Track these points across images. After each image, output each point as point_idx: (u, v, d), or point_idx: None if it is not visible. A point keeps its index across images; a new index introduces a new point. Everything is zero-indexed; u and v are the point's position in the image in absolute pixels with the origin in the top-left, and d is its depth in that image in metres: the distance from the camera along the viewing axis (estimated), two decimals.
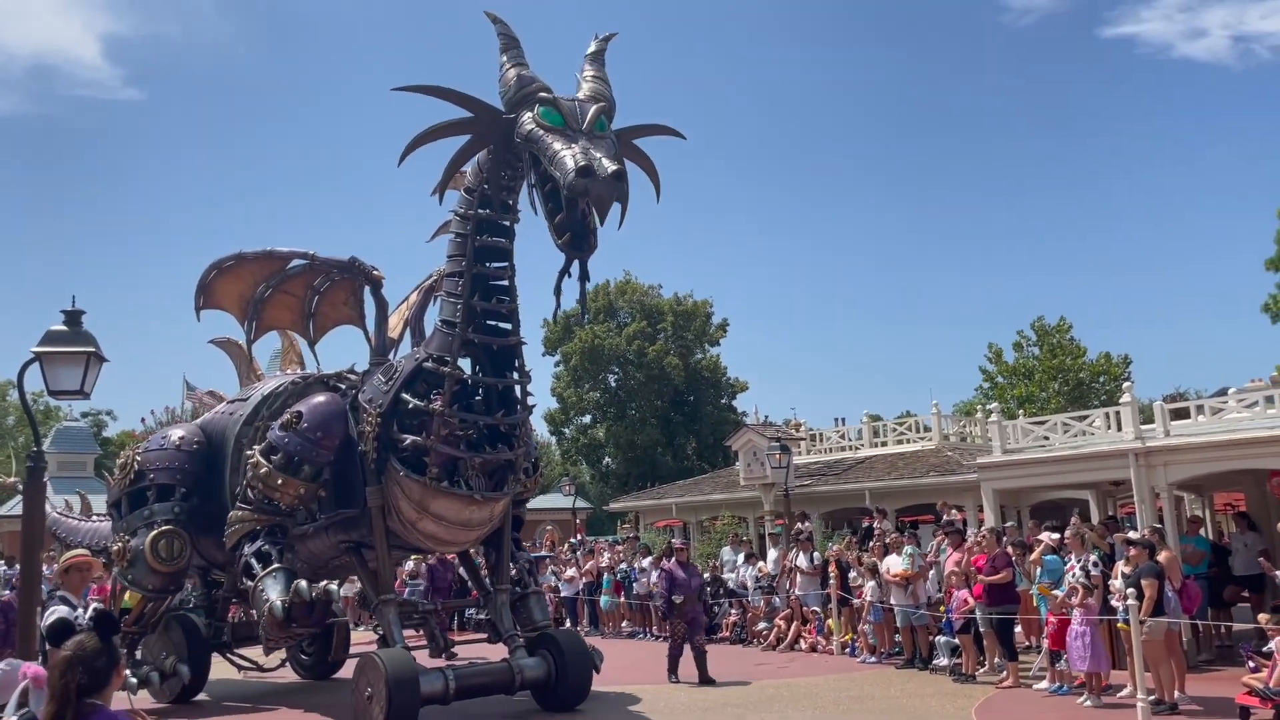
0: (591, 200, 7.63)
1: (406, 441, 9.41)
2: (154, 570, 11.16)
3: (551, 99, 8.43)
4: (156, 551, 11.09)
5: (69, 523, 15.75)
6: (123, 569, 11.87)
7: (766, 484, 25.07)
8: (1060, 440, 17.65)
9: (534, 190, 8.62)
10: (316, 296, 11.73)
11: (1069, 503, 21.83)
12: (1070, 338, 43.82)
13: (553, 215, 8.14)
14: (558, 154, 7.82)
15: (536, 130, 8.23)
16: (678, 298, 53.91)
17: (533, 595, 11.67)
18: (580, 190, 7.53)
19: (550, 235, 8.19)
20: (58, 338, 7.90)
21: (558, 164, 7.77)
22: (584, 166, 7.51)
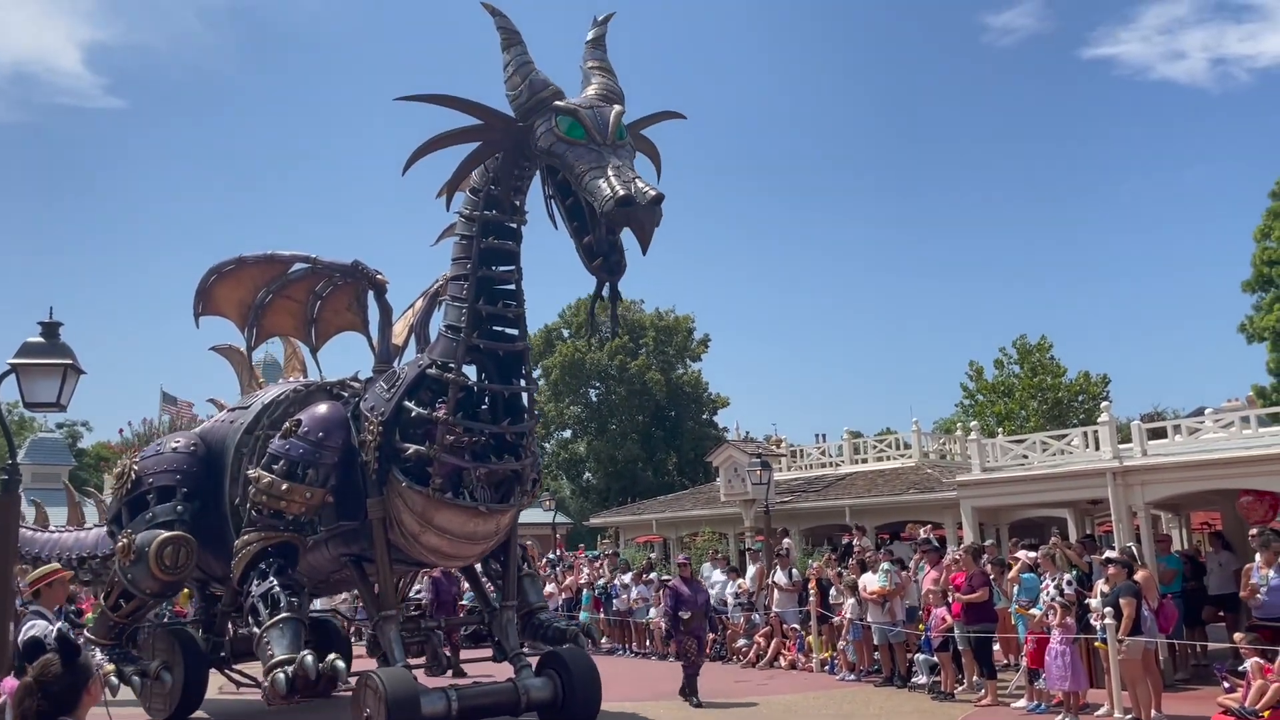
0: (633, 229, 7.41)
1: (409, 451, 9.12)
2: (154, 576, 10.79)
3: (571, 109, 8.10)
4: (161, 558, 10.69)
5: (24, 533, 15.15)
6: (124, 565, 11.37)
7: (747, 500, 25.07)
8: (1039, 459, 17.76)
9: (552, 203, 8.38)
10: (319, 302, 11.43)
11: (1048, 521, 21.95)
12: (1050, 356, 44.15)
13: (580, 235, 7.90)
14: (591, 179, 7.54)
15: (559, 145, 7.94)
16: (659, 313, 53.99)
17: (526, 577, 11.49)
18: (621, 220, 7.32)
19: (579, 256, 7.99)
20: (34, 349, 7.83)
21: (591, 190, 7.49)
22: (625, 195, 7.24)
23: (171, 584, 11.50)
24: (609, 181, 7.38)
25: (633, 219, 7.27)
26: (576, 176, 7.70)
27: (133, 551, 10.88)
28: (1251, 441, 15.01)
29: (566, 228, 8.15)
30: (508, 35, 8.66)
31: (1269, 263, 29.18)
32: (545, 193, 8.42)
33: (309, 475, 9.58)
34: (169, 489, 11.57)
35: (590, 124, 7.98)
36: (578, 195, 7.88)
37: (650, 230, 7.36)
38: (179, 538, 10.88)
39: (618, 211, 7.26)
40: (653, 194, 7.26)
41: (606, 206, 7.28)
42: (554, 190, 8.18)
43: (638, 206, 7.20)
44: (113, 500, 12.50)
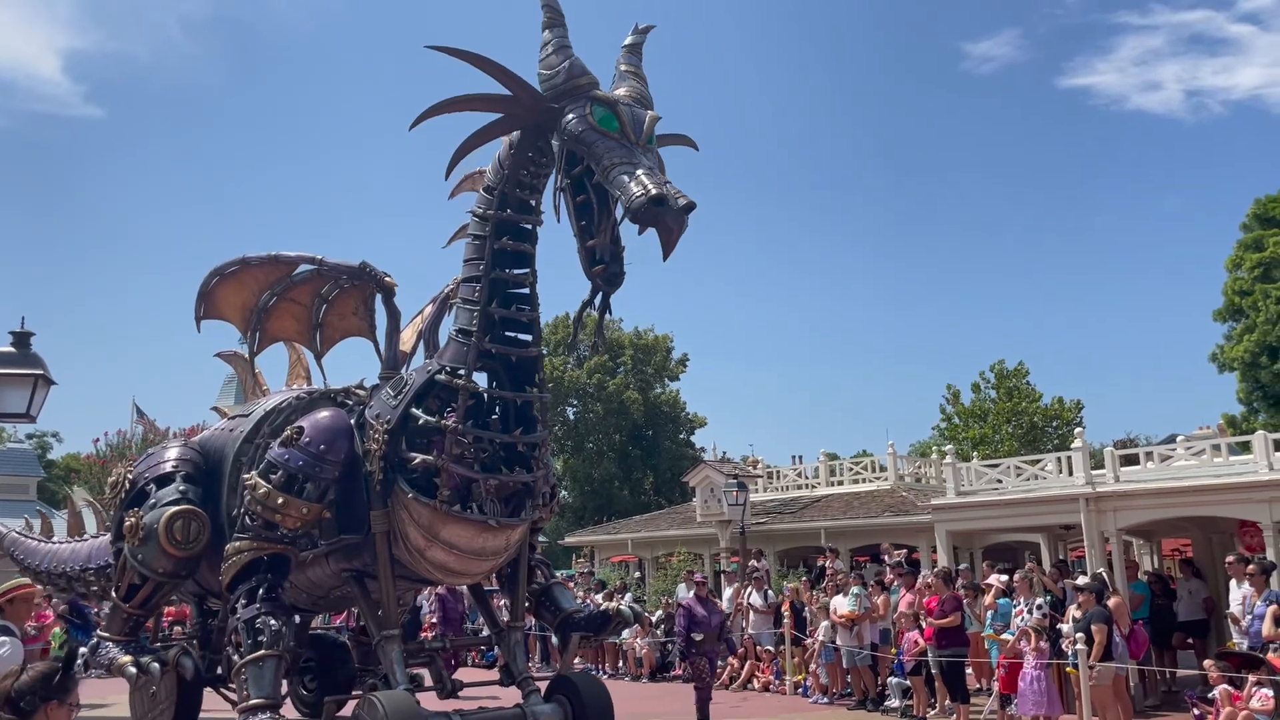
0: (659, 230, 7.00)
1: (416, 461, 8.63)
2: (166, 553, 10.08)
3: (610, 99, 7.67)
4: (171, 533, 9.96)
5: (27, 543, 14.78)
6: (133, 547, 10.41)
7: (723, 521, 25.07)
8: (1013, 483, 17.88)
9: (562, 195, 7.84)
10: (324, 305, 10.86)
11: (1021, 545, 22.08)
12: (1027, 382, 44.53)
13: (584, 236, 7.52)
14: (620, 173, 7.14)
15: (591, 134, 7.45)
16: (638, 332, 54.07)
17: (556, 586, 10.90)
18: (649, 219, 6.91)
19: (579, 256, 7.57)
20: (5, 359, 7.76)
21: (620, 185, 7.08)
22: (658, 195, 6.83)
23: (185, 562, 10.32)
24: (639, 180, 7.03)
25: (661, 220, 6.95)
26: (604, 169, 7.28)
27: (140, 530, 10.26)
28: (1222, 470, 15.18)
29: (572, 226, 7.77)
30: (553, 14, 8.23)
31: (1240, 293, 29.58)
32: (557, 184, 7.97)
33: (307, 490, 9.15)
34: (167, 475, 10.66)
35: (626, 120, 7.62)
36: (591, 193, 7.52)
37: (677, 237, 7.10)
38: (188, 510, 10.20)
39: (649, 210, 6.88)
40: (685, 200, 6.98)
41: (636, 203, 6.91)
42: (568, 183, 7.73)
43: (668, 209, 6.90)
44: (109, 509, 11.97)
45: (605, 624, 10.95)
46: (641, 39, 8.46)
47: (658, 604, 20.53)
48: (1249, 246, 30.18)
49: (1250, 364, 28.13)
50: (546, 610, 10.70)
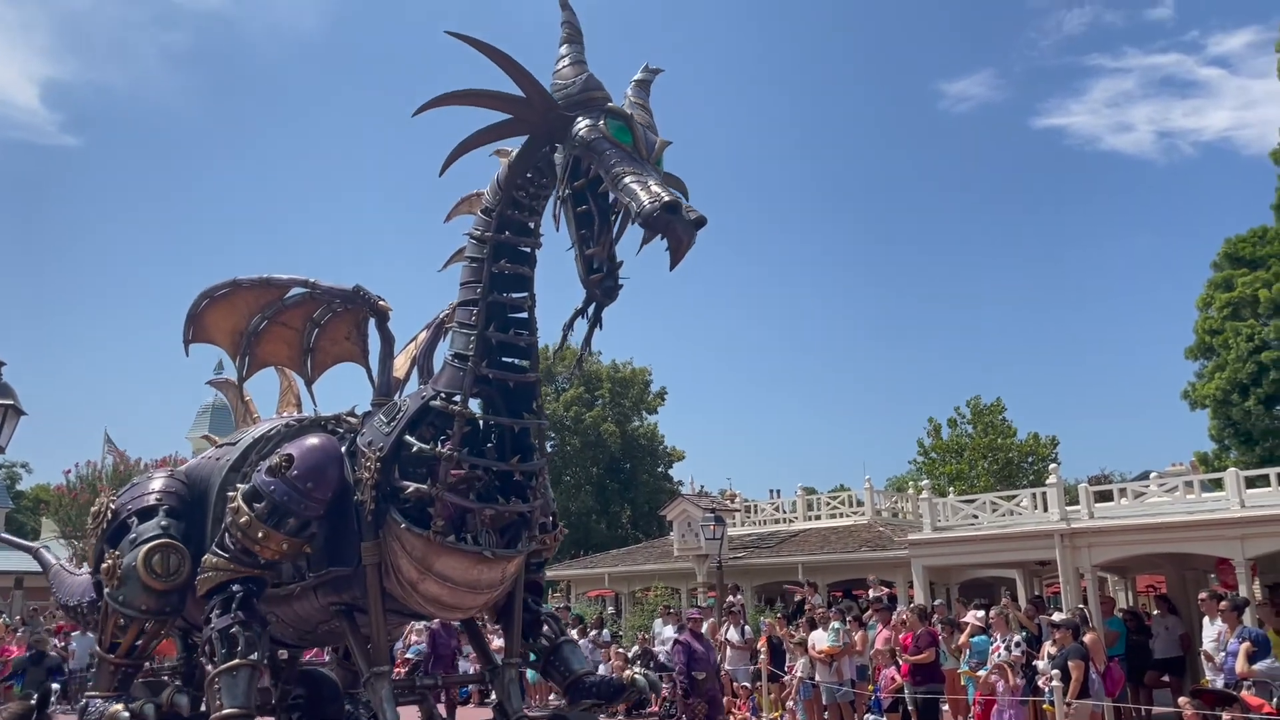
0: (670, 239, 6.90)
1: (409, 490, 8.40)
2: (148, 587, 9.70)
3: (625, 113, 7.57)
4: (150, 566, 9.64)
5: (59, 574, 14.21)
6: (113, 590, 10.32)
7: (700, 555, 24.95)
8: (988, 519, 17.94)
9: (562, 205, 7.74)
10: (316, 329, 10.62)
11: (997, 581, 22.11)
12: (1003, 418, 44.85)
13: (584, 244, 7.42)
14: (631, 182, 7.07)
15: (602, 142, 7.36)
16: (616, 365, 54.06)
17: (567, 644, 10.50)
18: (661, 225, 6.79)
19: (576, 265, 7.47)
20: None
21: (629, 191, 7.02)
22: (671, 202, 6.76)
23: (169, 595, 9.85)
24: (651, 189, 6.94)
25: (673, 228, 6.83)
26: (614, 177, 7.15)
27: (119, 571, 9.90)
28: (1194, 506, 15.30)
29: (571, 234, 7.63)
30: (571, 30, 8.17)
31: (1210, 331, 29.93)
32: (558, 193, 7.82)
33: (289, 524, 8.94)
34: (150, 509, 10.29)
35: (640, 135, 7.56)
36: (593, 204, 7.42)
37: (686, 248, 7.00)
38: (166, 544, 9.84)
39: (662, 216, 6.76)
40: (697, 214, 6.94)
41: (649, 208, 6.80)
42: (569, 193, 7.65)
43: (680, 218, 6.81)
44: (90, 540, 11.59)
45: (618, 694, 10.50)
46: (650, 77, 8.42)
47: (633, 640, 20.35)
48: (1219, 285, 30.59)
49: (1222, 401, 28.41)
50: (555, 671, 10.26)
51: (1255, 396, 27.40)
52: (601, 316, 7.63)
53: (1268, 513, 14.82)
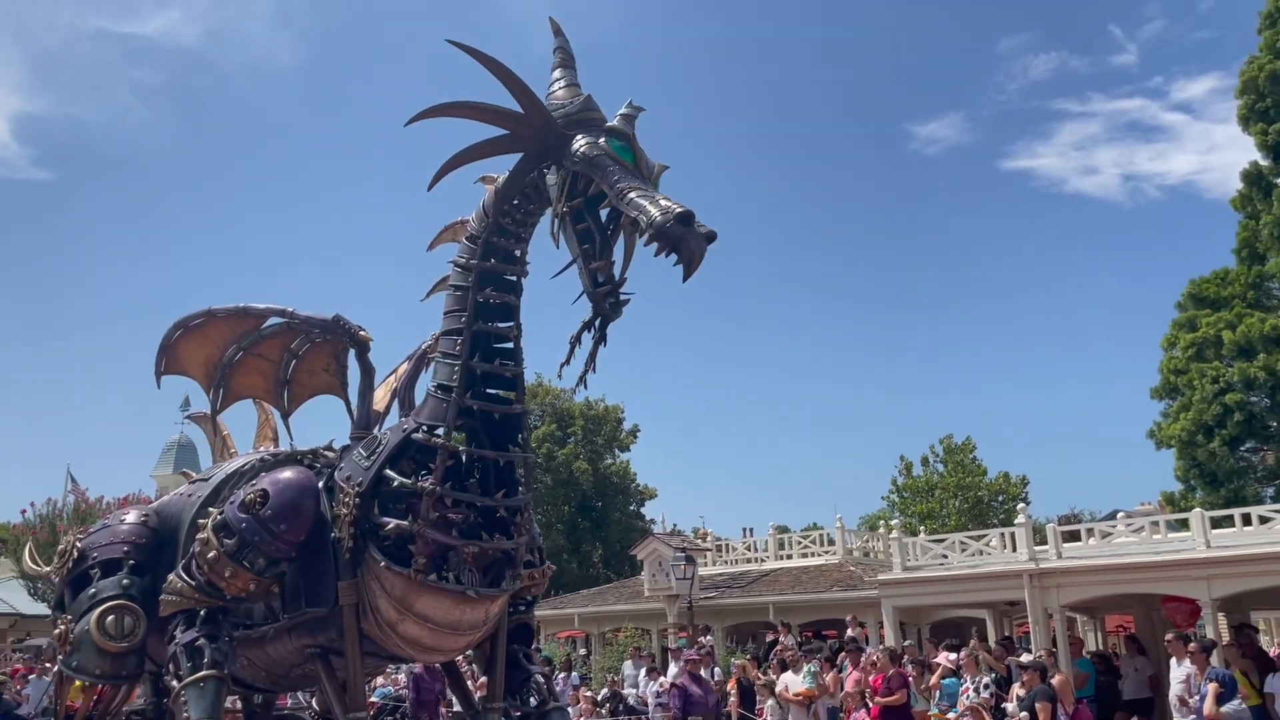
0: (682, 251, 6.73)
1: (389, 526, 8.09)
2: (102, 650, 9.35)
3: (626, 133, 7.45)
4: (104, 628, 9.30)
5: None
6: (66, 657, 9.90)
7: (671, 595, 24.77)
8: (958, 559, 17.96)
9: (560, 222, 7.53)
10: (294, 361, 10.28)
11: (968, 621, 22.09)
12: (973, 457, 45.12)
13: (588, 258, 7.24)
14: (638, 197, 6.91)
15: (605, 159, 7.20)
16: (588, 402, 53.95)
17: (555, 711, 10.02)
18: (675, 236, 6.62)
19: (581, 280, 7.28)
20: None
21: (637, 205, 6.85)
22: (684, 214, 6.60)
23: (127, 658, 9.53)
24: (659, 203, 6.79)
25: (686, 241, 6.68)
26: (619, 192, 6.99)
27: (71, 639, 9.60)
28: (1161, 547, 15.40)
29: (573, 249, 7.42)
30: (565, 56, 8.09)
31: (1175, 371, 30.30)
32: (556, 210, 7.57)
33: (258, 564, 8.63)
34: (115, 562, 9.96)
35: (642, 155, 7.44)
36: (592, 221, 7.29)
37: (699, 260, 6.86)
38: (120, 605, 9.51)
39: (675, 228, 6.60)
40: (708, 229, 6.83)
41: (659, 220, 6.66)
42: (568, 210, 7.49)
43: (693, 230, 6.69)
44: (56, 580, 11.24)
45: None
46: (634, 114, 8.12)
47: (603, 682, 20.11)
48: (1183, 326, 31.02)
49: (1187, 442, 28.70)
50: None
51: (1220, 438, 27.72)
52: (606, 335, 7.42)
53: (1233, 553, 14.95)
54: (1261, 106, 29.38)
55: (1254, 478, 29.27)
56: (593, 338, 7.37)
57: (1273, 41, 29.18)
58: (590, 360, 7.60)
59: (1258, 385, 27.13)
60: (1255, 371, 26.69)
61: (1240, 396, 27.44)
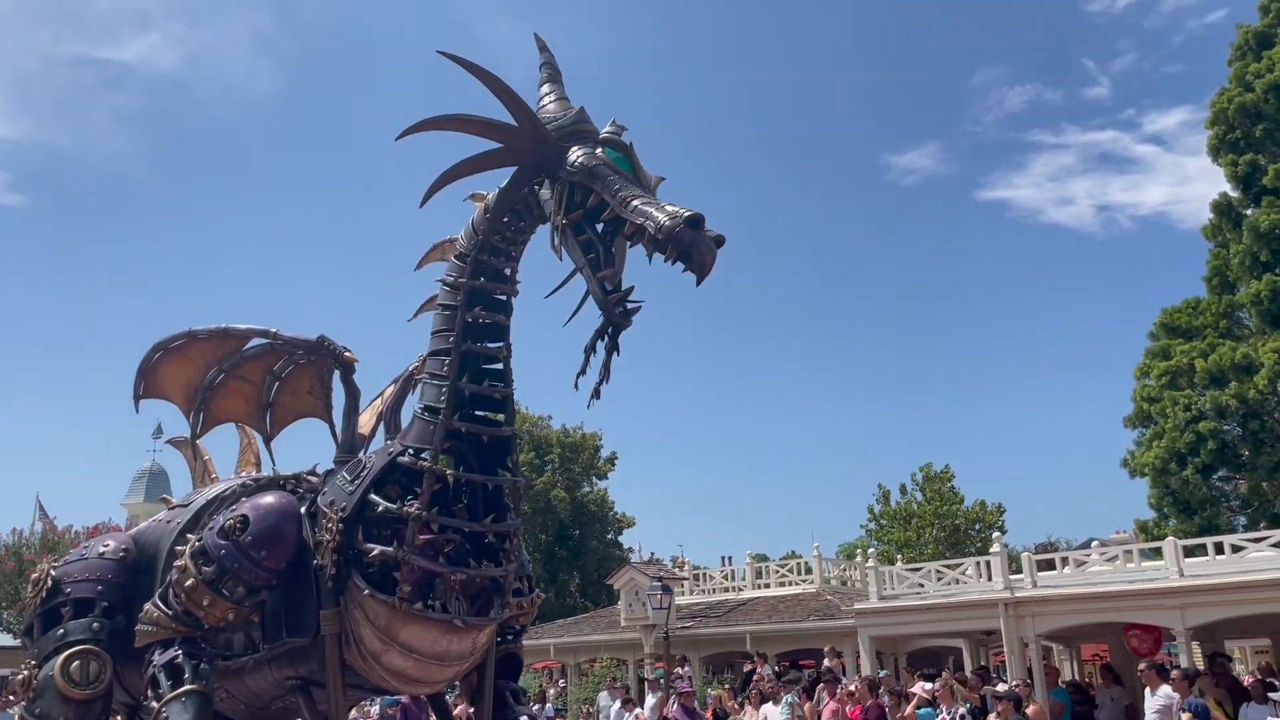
0: (693, 259, 6.59)
1: (374, 553, 7.82)
2: (66, 698, 9.05)
3: (624, 144, 7.31)
4: (68, 675, 9.01)
5: None
6: (28, 704, 9.57)
7: (648, 625, 24.58)
8: (934, 588, 17.93)
9: (560, 235, 7.37)
10: (276, 383, 10.01)
11: (945, 651, 22.05)
12: (951, 486, 45.23)
13: (594, 267, 7.07)
14: (643, 204, 6.78)
15: (604, 168, 7.06)
16: (566, 429, 53.77)
17: None
18: (687, 240, 6.49)
19: (590, 289, 7.13)
20: None
21: (642, 212, 6.71)
22: (693, 217, 6.50)
23: (92, 704, 9.32)
24: (665, 209, 6.64)
25: (697, 245, 6.53)
26: (621, 200, 6.86)
27: (34, 685, 9.38)
28: (1134, 575, 15.43)
29: (577, 260, 7.24)
30: (552, 71, 7.95)
31: (1148, 399, 30.51)
32: (556, 224, 7.38)
33: (236, 593, 8.33)
34: (87, 601, 9.72)
35: (640, 165, 7.30)
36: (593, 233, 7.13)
37: (711, 263, 6.70)
38: (87, 650, 9.25)
39: (685, 231, 6.47)
40: (716, 233, 6.69)
41: (668, 224, 6.54)
42: (567, 223, 7.34)
43: (703, 235, 6.54)
44: (27, 609, 10.89)
45: None
46: (618, 132, 7.89)
47: (578, 714, 19.88)
48: (1156, 355, 31.29)
49: (1161, 470, 28.85)
50: None
51: (1193, 466, 27.89)
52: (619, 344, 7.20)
53: (1207, 582, 15.00)
54: (1231, 138, 29.86)
55: (1227, 506, 29.45)
56: (605, 347, 7.16)
57: (1242, 74, 29.70)
58: (604, 370, 7.35)
59: (1230, 414, 27.35)
60: (1227, 400, 26.91)
61: (1213, 425, 27.64)
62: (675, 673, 19.79)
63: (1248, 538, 16.53)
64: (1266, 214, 27.35)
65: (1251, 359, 27.03)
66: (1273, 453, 26.77)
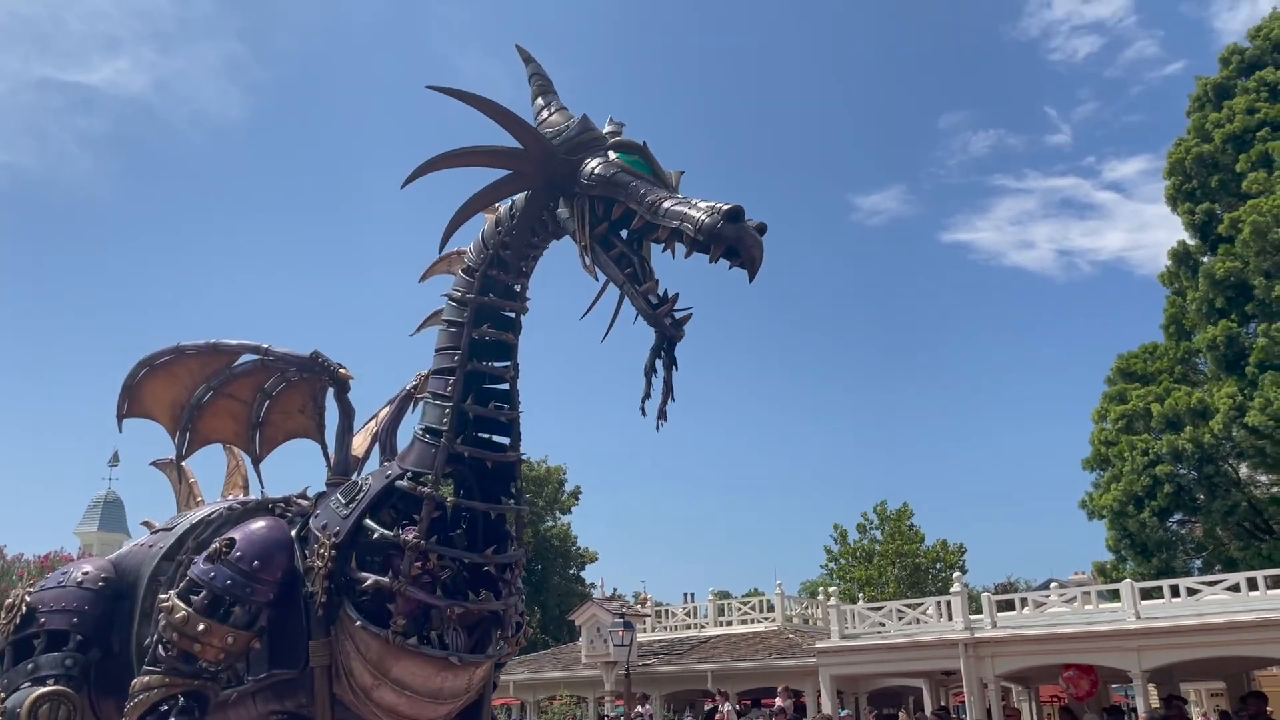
0: (741, 254, 6.17)
1: (367, 582, 7.42)
2: None
3: (637, 145, 6.93)
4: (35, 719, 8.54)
5: None
6: None
7: (609, 662, 24.36)
8: (895, 627, 17.96)
9: (590, 253, 6.97)
10: (267, 401, 9.50)
11: (905, 690, 22.05)
12: (911, 524, 45.42)
13: (635, 281, 6.66)
14: (675, 205, 6.35)
15: (623, 175, 6.65)
16: (530, 463, 53.48)
17: None
18: (730, 236, 6.09)
19: (634, 305, 6.72)
20: None
21: (676, 214, 6.28)
22: (733, 210, 6.07)
23: None
24: (698, 206, 6.23)
25: (743, 239, 6.11)
26: (649, 205, 6.44)
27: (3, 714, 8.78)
28: (1093, 617, 15.55)
29: (614, 277, 6.80)
30: (543, 81, 7.57)
31: (1106, 443, 30.91)
32: (582, 243, 6.99)
33: (234, 615, 7.79)
34: (61, 634, 9.24)
35: (658, 164, 6.90)
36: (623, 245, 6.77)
37: (760, 256, 6.31)
38: (57, 693, 8.74)
39: (728, 227, 6.04)
40: (758, 221, 6.30)
41: (708, 222, 6.12)
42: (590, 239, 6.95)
43: (746, 227, 6.12)
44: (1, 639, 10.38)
45: None
46: (619, 130, 7.66)
47: None
48: (1114, 399, 31.75)
49: (1118, 513, 29.16)
50: None
51: (1150, 509, 28.23)
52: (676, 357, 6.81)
53: (1163, 624, 15.15)
54: (1189, 188, 30.61)
55: (1183, 549, 29.80)
56: (664, 364, 6.77)
57: (1200, 125, 30.49)
58: (667, 389, 6.93)
59: (1186, 458, 27.76)
60: (1183, 444, 27.33)
61: (1169, 469, 28.03)
62: (636, 711, 19.64)
63: (1203, 581, 16.74)
64: (1222, 262, 27.98)
65: (1207, 404, 27.51)
66: (1227, 497, 27.18)
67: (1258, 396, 25.08)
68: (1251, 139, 28.74)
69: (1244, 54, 31.26)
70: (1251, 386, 25.97)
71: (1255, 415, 24.56)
